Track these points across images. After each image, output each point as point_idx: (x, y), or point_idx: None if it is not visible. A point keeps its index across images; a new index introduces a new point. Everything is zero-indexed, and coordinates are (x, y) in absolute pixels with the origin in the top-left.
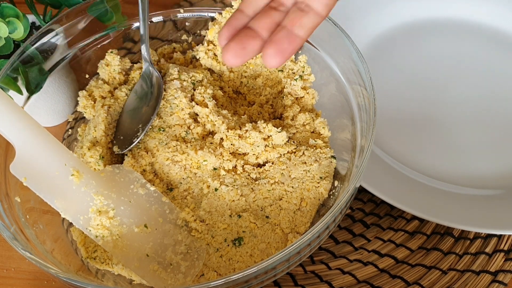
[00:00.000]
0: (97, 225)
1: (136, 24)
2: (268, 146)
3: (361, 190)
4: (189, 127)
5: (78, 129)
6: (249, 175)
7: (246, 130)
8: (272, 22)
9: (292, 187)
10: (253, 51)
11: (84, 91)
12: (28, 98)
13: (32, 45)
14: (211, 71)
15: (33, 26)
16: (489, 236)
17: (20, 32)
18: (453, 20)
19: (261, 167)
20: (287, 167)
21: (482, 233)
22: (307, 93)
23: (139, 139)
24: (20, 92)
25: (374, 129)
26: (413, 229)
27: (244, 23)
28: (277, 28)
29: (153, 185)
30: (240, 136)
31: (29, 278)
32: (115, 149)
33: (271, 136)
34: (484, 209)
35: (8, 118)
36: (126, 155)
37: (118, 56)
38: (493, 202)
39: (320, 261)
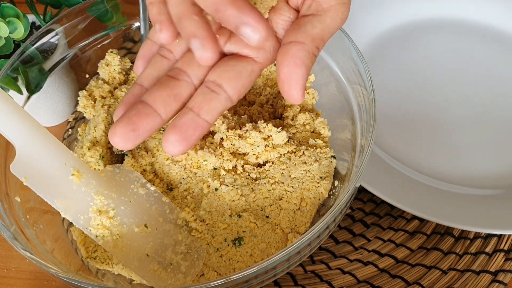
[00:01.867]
0: (97, 225)
1: (136, 24)
2: (268, 146)
3: (361, 190)
4: None
5: (78, 129)
6: (249, 175)
7: (246, 130)
8: (171, 95)
9: (292, 187)
10: (147, 131)
11: (84, 91)
12: (28, 98)
13: (32, 45)
14: None
15: (33, 26)
16: (489, 236)
17: (20, 32)
18: (453, 20)
19: (261, 167)
20: (287, 167)
21: (482, 233)
22: (307, 93)
23: None
24: (20, 92)
25: (374, 129)
26: (413, 229)
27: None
28: (181, 111)
29: (153, 185)
30: (240, 136)
31: (29, 278)
32: (115, 149)
33: (271, 136)
34: (484, 209)
35: (8, 117)
36: (126, 155)
37: (118, 56)
38: (493, 202)
39: (320, 261)
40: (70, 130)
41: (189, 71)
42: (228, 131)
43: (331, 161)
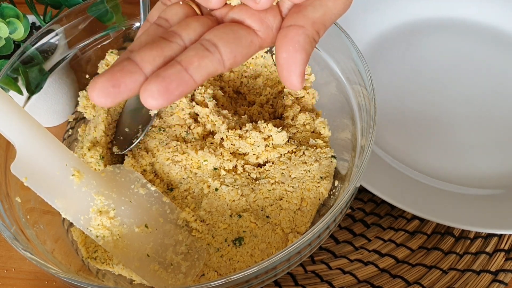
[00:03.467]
0: (98, 225)
1: (136, 24)
2: (268, 146)
3: (361, 190)
4: (189, 127)
5: (79, 129)
6: (249, 175)
7: (246, 130)
8: (161, 55)
9: (293, 187)
10: (130, 90)
11: (84, 91)
12: (28, 98)
13: (32, 45)
14: None
15: (33, 27)
16: (490, 236)
17: (20, 32)
18: (453, 20)
19: (261, 167)
20: (287, 167)
21: (482, 232)
22: (307, 93)
23: (139, 139)
24: (20, 92)
25: (375, 129)
26: (413, 228)
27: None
28: (169, 63)
29: (154, 185)
30: (240, 136)
31: (30, 278)
32: (115, 149)
33: (271, 136)
34: (485, 208)
35: (9, 118)
36: (126, 155)
37: (118, 57)
38: (493, 202)
39: (321, 261)
40: (70, 130)
41: (183, 34)
42: (228, 131)
43: (331, 161)
